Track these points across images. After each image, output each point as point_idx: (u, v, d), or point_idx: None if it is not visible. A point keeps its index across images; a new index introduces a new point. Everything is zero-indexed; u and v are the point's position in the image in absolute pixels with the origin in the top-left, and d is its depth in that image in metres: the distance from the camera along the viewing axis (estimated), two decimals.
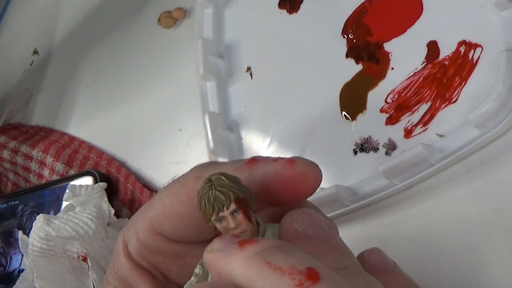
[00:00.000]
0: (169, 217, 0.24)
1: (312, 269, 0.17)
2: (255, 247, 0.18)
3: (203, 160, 0.47)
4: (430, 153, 0.33)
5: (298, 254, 0.18)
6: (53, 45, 0.68)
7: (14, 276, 0.53)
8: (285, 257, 0.17)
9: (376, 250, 0.23)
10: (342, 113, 0.40)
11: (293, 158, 0.22)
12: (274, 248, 0.18)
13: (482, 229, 0.32)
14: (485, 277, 0.31)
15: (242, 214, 0.20)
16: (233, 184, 0.20)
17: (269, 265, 0.17)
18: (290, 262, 0.17)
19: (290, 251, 0.18)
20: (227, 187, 0.20)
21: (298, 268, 0.17)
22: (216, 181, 0.20)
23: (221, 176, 0.20)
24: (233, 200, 0.20)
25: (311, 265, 0.17)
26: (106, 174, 0.52)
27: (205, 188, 0.20)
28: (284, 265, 0.17)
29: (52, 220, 0.43)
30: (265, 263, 0.17)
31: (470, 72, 0.34)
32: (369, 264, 0.22)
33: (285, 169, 0.22)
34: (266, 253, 0.18)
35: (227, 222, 0.20)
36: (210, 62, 0.47)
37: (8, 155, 0.61)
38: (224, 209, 0.20)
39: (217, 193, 0.20)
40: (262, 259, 0.17)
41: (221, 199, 0.20)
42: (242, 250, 0.18)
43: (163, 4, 0.56)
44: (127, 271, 0.25)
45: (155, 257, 0.25)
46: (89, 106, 0.60)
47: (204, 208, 0.20)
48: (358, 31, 0.41)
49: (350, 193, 0.36)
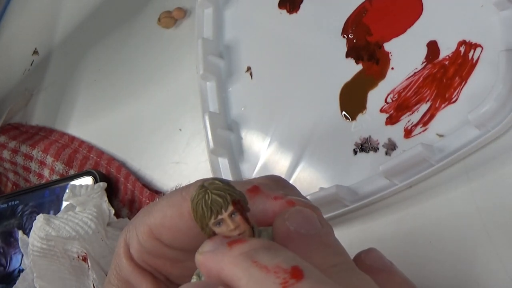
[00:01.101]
0: (168, 228, 0.24)
1: (297, 267, 0.17)
2: (243, 247, 0.18)
3: (203, 160, 0.47)
4: (430, 153, 0.33)
5: (284, 254, 0.18)
6: (53, 45, 0.68)
7: (14, 276, 0.53)
8: (271, 256, 0.18)
9: (373, 250, 0.23)
10: (342, 113, 0.40)
11: (292, 200, 0.23)
12: (261, 247, 0.18)
13: (482, 228, 0.32)
14: (484, 277, 0.31)
15: (240, 215, 0.20)
16: (228, 187, 0.20)
17: (256, 264, 0.18)
18: (276, 261, 0.18)
19: (277, 251, 0.18)
20: (223, 190, 0.20)
21: (283, 266, 0.17)
22: (210, 186, 0.20)
23: (214, 181, 0.20)
24: (230, 202, 0.20)
25: (296, 264, 0.18)
26: (106, 174, 0.52)
27: (201, 194, 0.20)
28: (270, 263, 0.17)
29: (52, 220, 0.43)
30: (252, 261, 0.18)
31: (470, 72, 0.34)
32: (366, 264, 0.22)
33: (285, 208, 0.22)
34: (253, 252, 0.18)
35: (226, 225, 0.20)
36: (210, 62, 0.47)
37: (8, 155, 0.61)
38: (223, 211, 0.20)
39: (214, 196, 0.20)
40: (249, 258, 0.18)
41: (219, 202, 0.20)
42: (231, 249, 0.18)
43: (163, 4, 0.56)
44: (129, 272, 0.26)
45: (156, 261, 0.26)
46: (89, 106, 0.60)
47: (201, 213, 0.20)
48: (358, 31, 0.41)
49: (350, 193, 0.36)
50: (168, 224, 0.24)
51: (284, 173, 0.41)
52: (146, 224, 0.25)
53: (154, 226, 0.24)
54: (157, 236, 0.25)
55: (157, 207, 0.25)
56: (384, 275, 0.22)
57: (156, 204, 0.25)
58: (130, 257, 0.26)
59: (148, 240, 0.25)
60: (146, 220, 0.25)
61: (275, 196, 0.23)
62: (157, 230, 0.24)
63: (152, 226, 0.25)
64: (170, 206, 0.24)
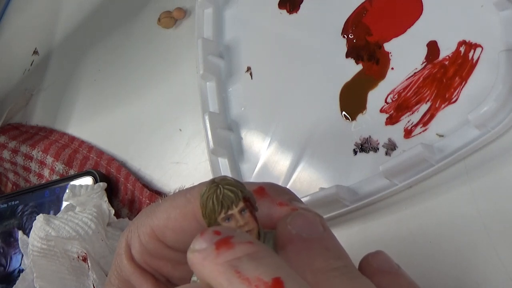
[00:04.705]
0: (172, 230, 0.24)
1: (278, 280, 0.17)
2: (228, 254, 0.18)
3: (203, 160, 0.47)
4: (430, 153, 0.33)
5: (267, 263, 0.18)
6: (53, 45, 0.68)
7: (14, 276, 0.53)
8: (254, 266, 0.18)
9: (380, 253, 0.23)
10: (342, 113, 0.40)
11: (297, 207, 0.23)
12: (246, 256, 0.18)
13: (482, 229, 0.32)
14: (484, 277, 0.31)
15: (249, 213, 0.20)
16: (239, 184, 0.21)
17: (238, 275, 0.18)
18: (257, 272, 0.18)
19: (261, 259, 0.18)
20: (235, 186, 0.20)
21: (264, 279, 0.17)
22: (222, 182, 0.20)
23: (226, 177, 0.21)
24: (242, 198, 0.20)
25: (278, 275, 0.17)
26: (106, 174, 0.52)
27: (212, 188, 0.20)
28: (252, 275, 0.17)
29: (52, 220, 0.43)
30: (235, 272, 0.18)
31: (470, 72, 0.34)
32: (373, 266, 0.22)
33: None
34: (236, 261, 0.18)
35: (235, 221, 0.20)
36: (210, 62, 0.47)
37: (8, 155, 0.61)
38: (233, 207, 0.20)
39: (225, 191, 0.20)
40: (233, 267, 0.18)
41: (231, 197, 0.20)
42: (217, 255, 0.18)
43: (163, 4, 0.56)
44: (130, 273, 0.26)
45: (157, 262, 0.26)
46: (89, 106, 0.60)
47: (211, 207, 0.20)
48: (358, 31, 0.41)
49: (350, 193, 0.36)
50: (172, 226, 0.24)
51: (284, 173, 0.41)
52: (149, 225, 0.25)
53: (158, 227, 0.25)
54: (160, 238, 0.25)
55: (161, 208, 0.25)
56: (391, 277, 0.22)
57: (159, 205, 0.25)
58: (131, 257, 0.26)
59: (150, 241, 0.25)
60: (149, 221, 0.25)
61: (280, 202, 0.23)
62: (161, 232, 0.25)
63: (155, 228, 0.25)
64: (174, 207, 0.24)
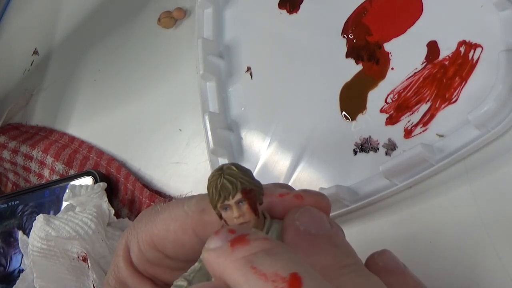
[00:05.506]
0: (172, 242, 0.24)
1: (295, 275, 0.17)
2: (244, 250, 0.18)
3: (203, 160, 0.47)
4: (430, 153, 0.33)
5: (284, 258, 0.18)
6: (53, 45, 0.68)
7: (14, 276, 0.53)
8: (270, 262, 0.18)
9: (386, 252, 0.23)
10: (342, 113, 0.40)
11: (300, 193, 0.23)
12: (262, 251, 0.18)
13: (482, 229, 0.32)
14: (485, 277, 0.31)
15: (247, 205, 0.20)
16: (243, 175, 0.21)
17: (254, 270, 0.17)
18: (274, 268, 0.17)
19: (278, 255, 0.18)
20: (236, 177, 0.20)
21: (281, 274, 0.17)
22: (226, 170, 0.21)
23: (232, 166, 0.21)
24: (240, 190, 0.20)
25: (295, 270, 0.17)
26: (106, 174, 0.52)
27: (215, 176, 0.21)
28: (269, 271, 0.17)
29: (52, 220, 0.43)
30: (251, 267, 0.18)
31: (470, 72, 0.34)
32: (379, 265, 0.22)
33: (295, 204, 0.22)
34: (253, 257, 0.18)
35: (231, 211, 0.20)
36: (210, 62, 0.47)
37: (8, 155, 0.61)
38: (230, 198, 0.20)
39: (225, 181, 0.20)
40: (249, 263, 0.18)
41: (228, 188, 0.20)
42: (232, 251, 0.18)
43: (163, 4, 0.56)
44: (127, 275, 0.26)
45: (156, 269, 0.26)
46: (89, 106, 0.60)
47: (211, 195, 0.21)
48: (358, 31, 0.41)
49: (350, 193, 0.36)
50: (172, 238, 0.24)
51: (284, 173, 0.41)
52: (149, 234, 0.25)
53: (157, 238, 0.25)
54: (160, 248, 0.25)
55: (160, 218, 0.25)
56: (397, 277, 0.22)
57: (158, 213, 0.25)
58: (129, 260, 0.26)
59: (149, 250, 0.25)
60: (148, 229, 0.25)
61: (280, 194, 0.23)
62: (160, 243, 0.25)
63: (154, 238, 0.25)
64: (173, 220, 0.24)
